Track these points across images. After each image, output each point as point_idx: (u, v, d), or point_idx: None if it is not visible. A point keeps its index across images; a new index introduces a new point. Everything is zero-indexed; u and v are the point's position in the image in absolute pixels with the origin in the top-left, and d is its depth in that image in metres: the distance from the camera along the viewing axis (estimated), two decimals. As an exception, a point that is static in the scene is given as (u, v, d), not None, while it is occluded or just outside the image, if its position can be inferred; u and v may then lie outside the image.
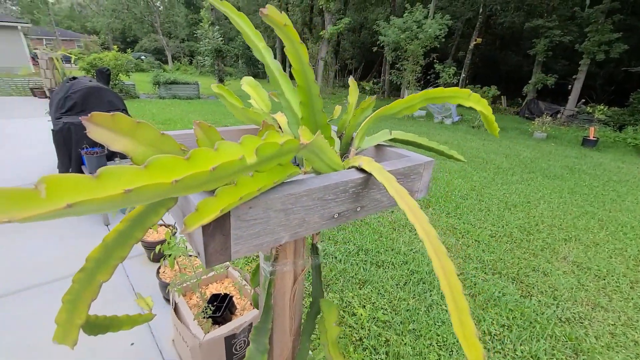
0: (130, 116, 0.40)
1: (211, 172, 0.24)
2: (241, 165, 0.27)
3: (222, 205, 0.34)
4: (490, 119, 0.77)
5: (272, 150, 0.30)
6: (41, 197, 0.18)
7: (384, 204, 0.61)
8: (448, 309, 0.47)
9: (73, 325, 0.47)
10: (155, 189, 0.22)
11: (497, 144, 8.20)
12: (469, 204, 4.25)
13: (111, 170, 0.21)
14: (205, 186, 0.28)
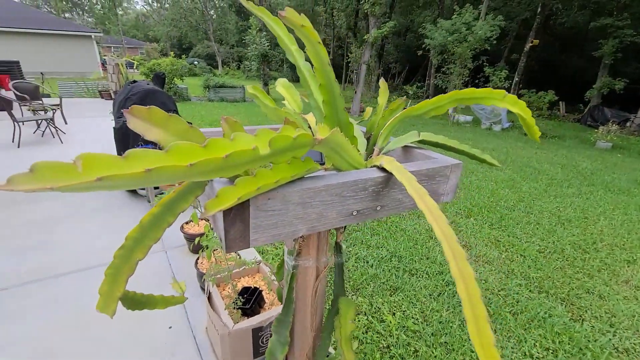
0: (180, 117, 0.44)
1: (224, 159, 0.27)
2: (254, 155, 0.30)
3: (240, 193, 0.37)
4: (529, 122, 0.73)
5: (285, 143, 0.32)
6: (78, 171, 0.22)
7: (406, 204, 0.61)
8: (464, 315, 0.46)
9: (113, 296, 0.52)
10: (172, 170, 0.25)
11: (552, 153, 7.57)
12: (516, 215, 3.98)
13: (137, 152, 0.24)
14: (220, 173, 0.30)
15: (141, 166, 0.23)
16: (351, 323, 0.68)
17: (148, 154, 0.25)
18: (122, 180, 0.23)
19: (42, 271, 2.31)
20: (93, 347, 1.75)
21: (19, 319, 1.92)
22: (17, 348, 1.73)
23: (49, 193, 3.48)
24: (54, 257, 2.48)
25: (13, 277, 2.23)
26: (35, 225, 2.91)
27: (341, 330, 0.68)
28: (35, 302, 2.04)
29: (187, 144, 0.26)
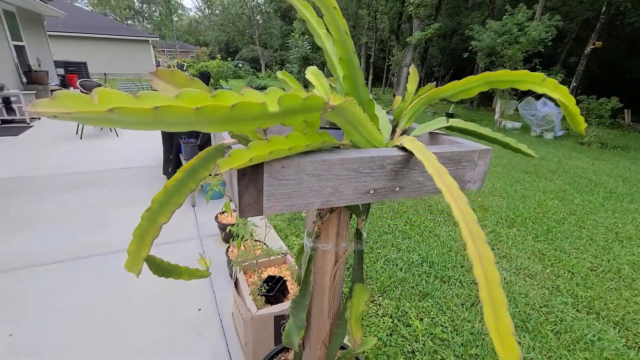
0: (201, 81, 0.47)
1: (230, 108, 0.28)
2: (262, 111, 0.31)
3: (252, 155, 0.38)
4: (572, 110, 0.68)
5: (295, 102, 0.33)
6: (93, 102, 0.24)
7: (427, 188, 0.59)
8: (481, 299, 0.43)
9: (139, 256, 0.56)
10: (179, 111, 0.26)
11: (613, 165, 6.86)
12: (565, 229, 3.66)
13: (148, 93, 0.26)
14: (228, 125, 0.31)
15: (150, 104, 0.25)
16: (363, 305, 0.67)
17: (159, 95, 0.26)
18: (131, 114, 0.25)
19: (92, 249, 2.53)
20: (129, 321, 1.89)
21: (67, 290, 2.12)
22: (62, 317, 1.91)
23: (104, 178, 3.80)
24: (103, 237, 2.71)
25: (67, 252, 2.47)
26: (90, 208, 3.21)
27: (352, 309, 0.67)
28: (84, 277, 2.24)
29: (197, 92, 0.28)
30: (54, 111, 0.23)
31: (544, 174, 5.77)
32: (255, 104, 0.29)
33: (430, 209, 3.93)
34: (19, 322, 1.82)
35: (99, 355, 1.66)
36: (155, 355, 1.67)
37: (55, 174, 4.03)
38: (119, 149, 5.29)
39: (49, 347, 1.68)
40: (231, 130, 0.32)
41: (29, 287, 2.11)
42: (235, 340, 1.68)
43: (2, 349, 1.66)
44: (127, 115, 0.25)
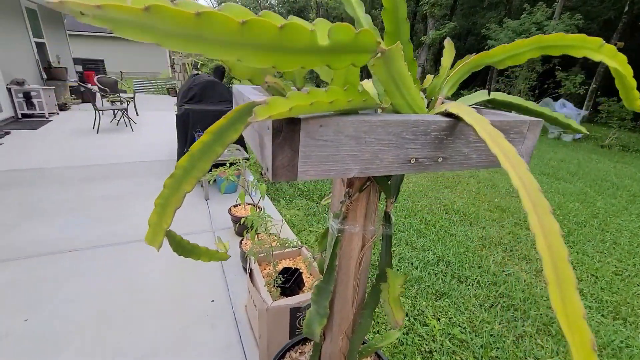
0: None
1: (279, 30, 0.24)
2: (311, 42, 0.26)
3: (292, 104, 0.34)
4: (629, 83, 0.62)
5: (347, 36, 0.28)
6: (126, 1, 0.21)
7: (473, 161, 0.54)
8: (546, 277, 0.38)
9: (160, 228, 0.53)
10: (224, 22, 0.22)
11: (635, 168, 6.61)
12: (587, 232, 3.52)
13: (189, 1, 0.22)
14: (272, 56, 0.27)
15: (192, 9, 0.21)
16: (400, 287, 0.62)
17: (201, 5, 0.23)
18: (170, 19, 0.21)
19: (108, 239, 2.54)
20: (142, 310, 1.88)
21: (83, 278, 2.12)
22: (85, 301, 1.92)
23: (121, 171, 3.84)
24: (119, 228, 2.73)
25: (83, 242, 2.49)
26: (106, 199, 3.24)
27: (390, 290, 0.62)
28: (99, 266, 2.25)
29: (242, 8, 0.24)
30: (82, 3, 0.20)
31: (563, 176, 5.59)
32: (305, 30, 0.25)
33: (445, 209, 3.84)
34: (35, 308, 1.83)
35: (112, 343, 1.65)
36: (168, 344, 1.65)
37: (73, 166, 4.09)
38: (134, 144, 5.36)
39: (64, 332, 1.68)
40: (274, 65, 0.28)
41: (45, 274, 2.13)
42: (249, 333, 1.65)
43: (18, 334, 1.67)
44: (164, 19, 0.21)
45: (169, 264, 2.29)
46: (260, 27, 0.24)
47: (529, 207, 0.40)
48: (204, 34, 0.23)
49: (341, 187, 0.70)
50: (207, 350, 1.60)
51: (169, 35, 0.23)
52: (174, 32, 0.22)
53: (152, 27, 0.22)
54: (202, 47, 0.24)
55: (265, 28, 0.24)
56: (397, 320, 0.60)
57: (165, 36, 0.23)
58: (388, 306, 0.62)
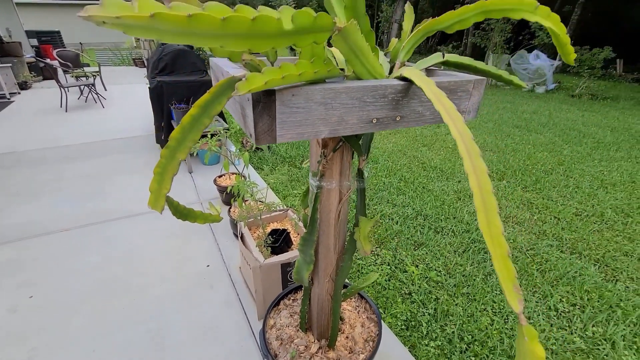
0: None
1: (252, 21, 0.30)
2: (278, 27, 0.33)
3: (266, 78, 0.41)
4: (562, 40, 0.70)
5: (307, 20, 0.35)
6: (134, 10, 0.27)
7: (427, 118, 0.63)
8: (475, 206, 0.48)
9: (161, 193, 0.60)
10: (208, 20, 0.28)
11: (602, 116, 6.95)
12: (553, 179, 3.79)
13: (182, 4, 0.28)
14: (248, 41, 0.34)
15: (184, 12, 0.28)
16: (368, 228, 0.73)
17: (191, 6, 0.29)
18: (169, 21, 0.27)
19: (96, 216, 2.58)
20: (142, 277, 1.99)
21: (81, 253, 2.20)
22: (88, 274, 2.02)
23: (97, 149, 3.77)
24: (106, 205, 2.76)
25: (74, 220, 2.52)
26: (87, 178, 3.21)
27: (360, 231, 0.74)
28: (94, 241, 2.32)
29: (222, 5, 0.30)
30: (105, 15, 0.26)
31: (535, 128, 5.84)
32: (273, 19, 0.32)
33: (423, 166, 4.01)
34: (37, 285, 1.91)
35: (119, 308, 1.77)
36: (172, 305, 1.78)
37: (46, 147, 3.97)
38: (107, 121, 5.17)
39: (70, 303, 1.78)
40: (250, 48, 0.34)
41: (41, 254, 2.18)
42: (245, 290, 1.80)
43: (25, 309, 1.75)
44: (166, 21, 0.27)
45: (161, 237, 2.37)
46: (237, 22, 0.30)
47: (463, 153, 0.50)
48: (194, 30, 0.29)
49: (317, 149, 0.79)
50: (209, 307, 1.75)
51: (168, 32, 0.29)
52: (172, 30, 0.28)
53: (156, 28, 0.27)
54: (194, 39, 0.30)
55: (241, 21, 0.30)
56: (366, 250, 0.73)
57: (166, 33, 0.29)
58: (359, 242, 0.74)
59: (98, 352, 1.52)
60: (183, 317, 1.70)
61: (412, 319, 1.82)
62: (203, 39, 0.31)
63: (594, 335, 1.82)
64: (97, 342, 1.58)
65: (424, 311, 1.87)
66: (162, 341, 1.55)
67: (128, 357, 1.51)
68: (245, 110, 0.51)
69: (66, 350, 1.54)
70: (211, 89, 0.52)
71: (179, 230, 2.42)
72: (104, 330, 1.64)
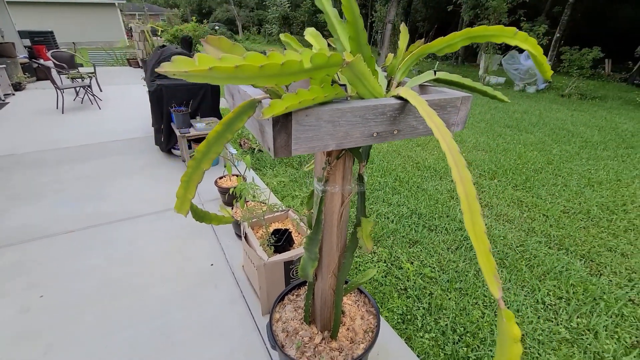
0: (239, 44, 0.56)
1: (281, 66, 0.38)
2: (300, 67, 0.41)
3: (287, 104, 0.49)
4: (540, 60, 0.79)
5: (322, 60, 0.43)
6: (196, 64, 0.34)
7: (420, 131, 0.71)
8: (462, 209, 0.57)
9: (186, 198, 0.68)
10: (250, 69, 0.36)
11: (590, 115, 7.14)
12: (542, 177, 3.92)
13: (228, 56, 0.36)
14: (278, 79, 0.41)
15: (232, 64, 0.35)
16: (370, 228, 0.82)
17: (235, 59, 0.36)
18: (221, 71, 0.35)
19: (99, 218, 2.64)
20: (147, 277, 2.06)
21: (84, 255, 2.25)
22: (93, 275, 2.07)
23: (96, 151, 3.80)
24: (107, 206, 2.81)
25: (75, 222, 2.57)
26: (88, 180, 3.26)
27: (362, 230, 0.82)
28: (97, 242, 2.38)
29: (257, 54, 0.38)
30: (176, 71, 0.33)
31: (525, 127, 5.99)
32: (296, 62, 0.40)
33: (417, 166, 4.11)
34: (45, 287, 1.96)
35: (126, 307, 1.84)
36: (178, 303, 1.86)
37: (45, 149, 3.99)
38: (104, 122, 5.19)
39: (77, 303, 1.84)
40: (279, 83, 0.42)
41: (45, 256, 2.23)
42: (249, 288, 1.87)
43: (37, 309, 1.81)
44: (219, 72, 0.35)
45: (164, 238, 2.44)
46: (270, 67, 0.38)
47: (451, 164, 0.58)
48: (239, 75, 0.37)
49: (322, 157, 0.87)
50: (214, 305, 1.82)
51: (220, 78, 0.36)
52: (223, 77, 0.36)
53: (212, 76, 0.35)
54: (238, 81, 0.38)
55: (273, 67, 0.38)
56: (368, 247, 0.81)
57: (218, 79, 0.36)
58: (362, 240, 0.83)
59: (110, 347, 1.59)
60: (189, 314, 1.78)
61: (407, 313, 1.91)
62: (245, 80, 0.38)
63: (578, 326, 1.93)
64: (108, 338, 1.64)
65: (419, 305, 1.97)
66: (170, 337, 1.63)
67: (140, 351, 1.59)
68: (265, 128, 0.59)
69: (80, 345, 1.61)
70: (235, 109, 0.60)
71: (181, 231, 2.49)
72: (114, 327, 1.71)
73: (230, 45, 0.46)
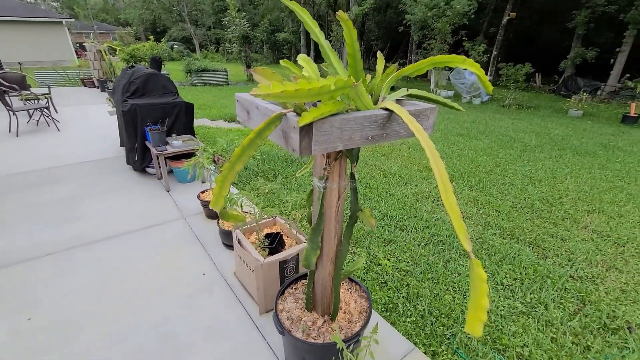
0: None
1: (320, 87, 0.56)
2: (328, 89, 0.60)
3: (314, 115, 0.67)
4: (483, 78, 1.05)
5: (342, 83, 0.62)
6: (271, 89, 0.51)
7: (402, 134, 0.93)
8: (439, 189, 0.78)
9: (221, 195, 0.83)
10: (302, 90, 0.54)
11: (527, 123, 8.06)
12: (493, 178, 4.41)
13: (287, 83, 0.54)
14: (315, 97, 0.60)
15: (293, 88, 0.53)
16: (369, 213, 1.01)
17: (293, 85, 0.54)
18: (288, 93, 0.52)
19: (81, 238, 2.59)
20: (146, 289, 2.09)
21: (71, 274, 2.22)
22: (83, 294, 2.05)
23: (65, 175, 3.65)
24: (87, 227, 2.75)
25: (56, 244, 2.51)
26: (61, 203, 3.14)
27: (364, 213, 1.02)
28: (82, 262, 2.35)
29: (304, 81, 0.56)
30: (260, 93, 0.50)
31: (475, 135, 6.64)
32: (328, 86, 0.58)
33: (384, 173, 4.43)
34: (33, 308, 1.91)
35: (125, 319, 1.86)
36: (176, 311, 1.91)
37: (6, 174, 3.75)
38: (66, 144, 4.96)
39: (71, 321, 1.83)
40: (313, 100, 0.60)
41: (27, 279, 2.16)
42: (243, 292, 1.97)
43: (27, 331, 1.77)
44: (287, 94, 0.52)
45: (152, 252, 2.45)
46: (314, 89, 0.56)
47: (429, 155, 0.80)
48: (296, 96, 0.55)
49: (322, 159, 1.06)
50: (212, 310, 1.90)
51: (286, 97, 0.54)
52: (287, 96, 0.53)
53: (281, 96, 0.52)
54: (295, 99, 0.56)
55: (314, 89, 0.56)
56: (372, 223, 1.01)
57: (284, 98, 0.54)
58: (366, 219, 1.02)
59: (117, 357, 1.61)
60: (189, 321, 1.84)
61: (389, 302, 2.11)
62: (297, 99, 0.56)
63: (532, 301, 2.25)
64: (111, 351, 1.66)
65: (398, 295, 2.18)
66: (173, 343, 1.68)
67: (148, 356, 1.63)
68: (290, 134, 0.77)
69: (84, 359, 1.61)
70: (265, 120, 0.77)
71: (170, 245, 2.52)
72: (115, 339, 1.72)
73: (270, 73, 0.63)
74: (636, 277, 2.58)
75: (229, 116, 7.36)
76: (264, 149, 5.16)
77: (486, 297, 0.79)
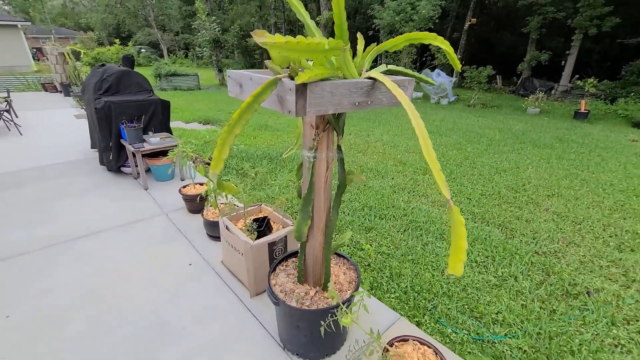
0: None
1: (316, 44, 0.64)
2: (323, 47, 0.67)
3: (309, 75, 0.75)
4: (452, 55, 1.17)
5: (334, 44, 0.70)
6: (276, 39, 0.58)
7: (384, 102, 1.02)
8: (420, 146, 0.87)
9: (220, 158, 0.88)
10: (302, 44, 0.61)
11: (491, 120, 8.56)
12: (463, 170, 4.66)
13: (290, 37, 0.61)
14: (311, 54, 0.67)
15: (295, 40, 0.60)
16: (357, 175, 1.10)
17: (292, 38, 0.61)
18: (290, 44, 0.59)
19: (57, 238, 2.50)
20: (134, 282, 2.06)
21: (52, 272, 2.15)
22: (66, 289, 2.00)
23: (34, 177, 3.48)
24: (63, 227, 2.67)
25: (30, 244, 2.41)
26: (31, 204, 3.00)
27: (353, 174, 1.10)
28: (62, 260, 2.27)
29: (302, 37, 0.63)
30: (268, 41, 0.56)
31: (444, 132, 6.98)
32: (323, 44, 0.66)
33: (361, 169, 4.57)
34: (9, 305, 1.83)
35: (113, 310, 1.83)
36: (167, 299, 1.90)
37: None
38: (31, 148, 4.71)
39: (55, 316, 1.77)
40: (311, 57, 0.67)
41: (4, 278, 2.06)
42: (231, 278, 1.98)
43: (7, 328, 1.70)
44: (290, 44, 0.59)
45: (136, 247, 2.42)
46: (311, 44, 0.63)
47: (410, 115, 0.89)
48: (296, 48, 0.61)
49: (311, 130, 1.13)
50: (202, 296, 1.91)
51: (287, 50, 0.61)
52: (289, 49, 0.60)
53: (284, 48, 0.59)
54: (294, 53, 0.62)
55: (312, 44, 0.63)
56: (362, 178, 1.09)
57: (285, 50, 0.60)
58: (356, 178, 1.10)
59: (107, 344, 1.59)
60: (179, 307, 1.84)
61: (374, 282, 2.21)
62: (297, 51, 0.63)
63: (503, 275, 2.42)
64: (101, 339, 1.64)
65: (382, 275, 2.28)
66: (164, 328, 1.67)
67: (138, 345, 1.61)
68: (286, 97, 0.84)
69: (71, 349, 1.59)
70: (262, 84, 0.83)
71: (153, 239, 2.49)
72: (104, 328, 1.70)
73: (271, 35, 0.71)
74: (592, 250, 2.84)
75: (202, 119, 7.27)
76: (243, 147, 5.16)
77: (465, 239, 0.89)
